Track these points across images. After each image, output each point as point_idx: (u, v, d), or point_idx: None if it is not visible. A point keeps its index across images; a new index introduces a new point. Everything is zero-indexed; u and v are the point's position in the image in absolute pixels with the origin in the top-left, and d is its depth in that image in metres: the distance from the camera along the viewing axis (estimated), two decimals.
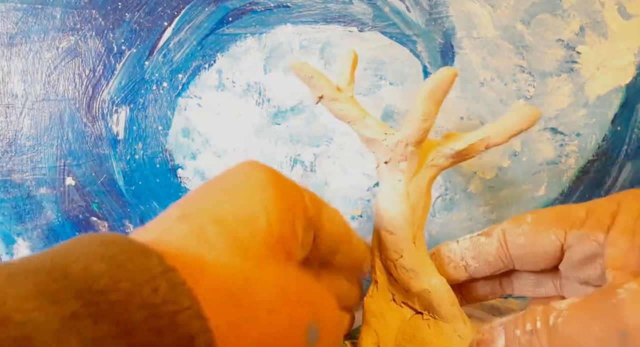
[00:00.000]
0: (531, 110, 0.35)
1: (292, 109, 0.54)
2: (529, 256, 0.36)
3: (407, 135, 0.36)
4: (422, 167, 0.38)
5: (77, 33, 0.49)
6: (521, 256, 0.36)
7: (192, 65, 0.52)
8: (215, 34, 0.51)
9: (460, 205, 0.58)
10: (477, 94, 0.55)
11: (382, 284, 0.40)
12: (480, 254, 0.38)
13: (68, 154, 0.51)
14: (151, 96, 0.51)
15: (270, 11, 0.52)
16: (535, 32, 0.55)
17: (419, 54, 0.54)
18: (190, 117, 0.52)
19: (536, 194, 0.59)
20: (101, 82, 0.50)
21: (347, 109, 0.39)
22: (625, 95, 0.58)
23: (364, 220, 0.56)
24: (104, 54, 0.50)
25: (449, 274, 0.39)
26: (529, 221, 0.35)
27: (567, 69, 0.56)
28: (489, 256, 0.37)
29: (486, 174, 0.57)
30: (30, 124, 0.50)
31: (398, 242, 0.38)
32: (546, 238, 0.34)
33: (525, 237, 0.35)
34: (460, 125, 0.56)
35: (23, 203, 0.51)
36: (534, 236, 0.35)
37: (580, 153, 0.58)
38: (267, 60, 0.53)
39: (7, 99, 0.49)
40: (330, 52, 0.53)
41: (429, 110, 0.35)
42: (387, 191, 0.38)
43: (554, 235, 0.34)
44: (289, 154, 0.54)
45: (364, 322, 0.42)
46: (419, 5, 0.53)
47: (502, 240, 0.36)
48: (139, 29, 0.50)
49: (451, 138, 0.38)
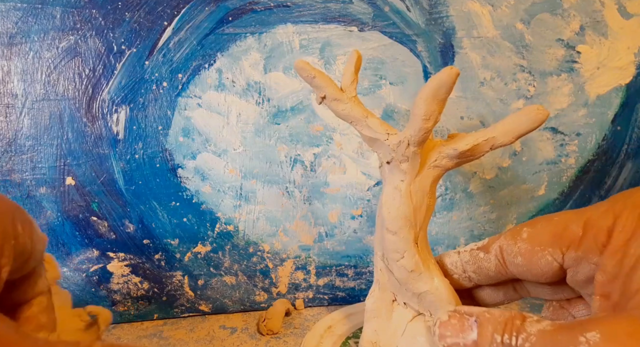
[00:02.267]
0: (539, 110, 0.34)
1: (292, 109, 0.54)
2: (528, 275, 0.34)
3: (409, 135, 0.36)
4: (424, 168, 0.38)
5: (77, 33, 0.49)
6: (521, 274, 0.35)
7: (192, 64, 0.51)
8: (215, 33, 0.51)
9: (460, 205, 0.58)
10: (477, 93, 0.55)
11: (383, 284, 0.40)
12: (480, 269, 0.37)
13: (68, 154, 0.50)
14: (151, 96, 0.51)
15: (270, 11, 0.52)
16: (536, 32, 0.55)
17: (419, 53, 0.54)
18: (190, 117, 0.52)
19: (536, 193, 0.59)
20: (101, 81, 0.50)
21: (350, 108, 0.39)
22: (626, 94, 0.58)
23: (364, 220, 0.56)
24: (104, 53, 0.50)
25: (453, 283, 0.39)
26: (525, 236, 0.34)
27: (567, 68, 0.56)
28: (489, 272, 0.36)
29: (486, 174, 0.57)
30: (30, 123, 0.50)
31: (400, 242, 0.37)
32: (543, 259, 0.33)
33: (522, 258, 0.34)
34: (460, 125, 0.56)
35: (23, 203, 0.50)
36: (530, 256, 0.33)
37: (580, 153, 0.59)
38: (267, 60, 0.52)
39: (7, 98, 0.49)
40: (330, 51, 0.53)
41: (431, 110, 0.34)
42: (389, 191, 0.38)
43: (551, 256, 0.33)
44: (289, 154, 0.54)
45: (366, 322, 0.42)
46: (419, 5, 0.53)
47: (500, 258, 0.35)
48: (139, 28, 0.50)
49: (455, 138, 0.37)
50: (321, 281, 0.58)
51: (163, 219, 0.53)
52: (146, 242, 0.54)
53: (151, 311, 0.56)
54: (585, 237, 0.31)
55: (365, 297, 0.42)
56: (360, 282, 0.58)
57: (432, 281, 0.37)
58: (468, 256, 0.38)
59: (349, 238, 0.57)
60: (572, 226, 0.32)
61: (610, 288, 0.29)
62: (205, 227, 0.54)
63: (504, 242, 0.35)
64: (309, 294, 0.58)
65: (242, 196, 0.54)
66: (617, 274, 0.29)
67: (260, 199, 0.55)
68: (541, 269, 0.33)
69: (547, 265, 0.33)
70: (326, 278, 0.58)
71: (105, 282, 0.54)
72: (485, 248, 0.37)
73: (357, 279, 0.58)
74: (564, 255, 0.32)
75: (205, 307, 0.57)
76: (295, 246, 0.56)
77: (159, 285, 0.55)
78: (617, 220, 0.30)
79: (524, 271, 0.34)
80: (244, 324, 0.54)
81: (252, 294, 0.57)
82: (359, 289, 0.59)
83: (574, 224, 0.32)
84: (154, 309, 0.56)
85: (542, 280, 0.34)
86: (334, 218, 0.56)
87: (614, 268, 0.29)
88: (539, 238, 0.33)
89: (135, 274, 0.54)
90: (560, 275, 0.34)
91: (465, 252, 0.38)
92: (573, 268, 0.32)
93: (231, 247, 0.55)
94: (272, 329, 0.52)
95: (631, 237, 0.29)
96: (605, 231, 0.30)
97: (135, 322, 0.55)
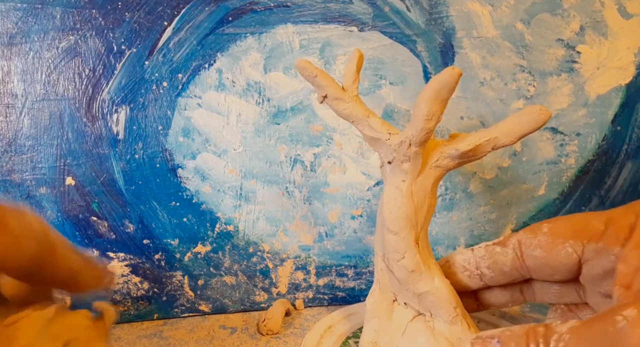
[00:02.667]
0: (542, 110, 0.34)
1: (292, 109, 0.54)
2: (546, 268, 0.35)
3: (410, 135, 0.36)
4: (426, 168, 0.38)
5: (77, 33, 0.49)
6: (537, 268, 0.35)
7: (192, 64, 0.51)
8: (215, 33, 0.51)
9: (460, 205, 0.58)
10: (477, 93, 0.55)
11: (384, 284, 0.40)
12: (495, 264, 0.37)
13: (68, 154, 0.50)
14: (151, 96, 0.51)
15: (270, 11, 0.52)
16: (536, 32, 0.55)
17: (419, 53, 0.54)
18: (190, 117, 0.52)
19: (536, 193, 0.59)
20: (101, 81, 0.50)
21: (351, 108, 0.39)
22: (626, 94, 0.58)
23: (364, 220, 0.56)
24: (104, 53, 0.50)
25: (463, 282, 0.39)
26: (546, 231, 0.34)
27: (567, 68, 0.56)
28: (504, 266, 0.37)
29: (486, 174, 0.57)
30: (30, 123, 0.49)
31: (400, 242, 0.37)
32: (563, 250, 0.33)
33: (541, 249, 0.34)
34: (461, 125, 0.56)
35: (23, 203, 0.50)
36: (550, 248, 0.34)
37: (580, 153, 0.59)
38: (267, 60, 0.52)
39: (7, 98, 0.49)
40: (330, 51, 0.53)
41: (433, 110, 0.34)
42: (390, 190, 0.38)
43: (571, 247, 0.33)
44: (289, 154, 0.54)
45: (366, 322, 0.42)
46: (419, 5, 0.53)
47: (517, 251, 0.36)
48: (139, 28, 0.50)
49: (457, 139, 0.37)
50: (321, 281, 0.58)
51: (163, 219, 0.53)
52: (146, 242, 0.54)
53: (151, 311, 0.56)
54: (607, 231, 0.32)
55: (365, 297, 0.42)
56: (360, 282, 0.58)
57: (433, 281, 0.37)
58: (483, 251, 0.38)
59: (349, 238, 0.57)
60: (593, 221, 0.33)
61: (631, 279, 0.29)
62: (205, 227, 0.54)
63: (523, 236, 0.36)
64: (309, 294, 0.58)
65: (242, 196, 0.54)
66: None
67: (260, 199, 0.55)
68: (560, 262, 0.34)
69: (566, 257, 0.33)
70: (326, 278, 0.58)
71: None
72: (502, 243, 0.37)
73: (357, 279, 0.58)
74: (584, 247, 0.33)
75: (205, 307, 0.57)
76: (295, 246, 0.56)
77: (159, 285, 0.55)
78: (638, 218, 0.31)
79: (542, 264, 0.35)
80: (244, 324, 0.54)
81: (252, 294, 0.57)
82: (359, 289, 0.59)
83: (596, 220, 0.33)
84: (154, 309, 0.56)
85: (557, 275, 0.35)
86: (334, 218, 0.56)
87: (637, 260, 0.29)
88: (560, 231, 0.34)
89: (135, 274, 0.54)
90: (577, 271, 0.34)
91: (480, 248, 0.38)
92: (591, 261, 0.33)
93: (231, 247, 0.55)
94: (272, 329, 0.52)
95: None
96: (627, 226, 0.31)
97: (135, 322, 0.55)
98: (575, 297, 0.36)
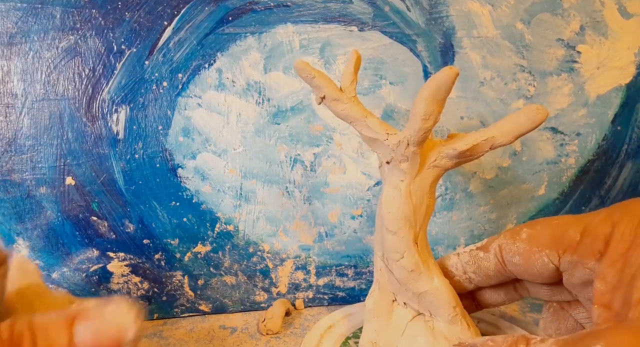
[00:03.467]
0: (539, 110, 0.35)
1: (292, 109, 0.54)
2: (526, 274, 0.35)
3: (408, 135, 0.36)
4: (424, 168, 0.38)
5: (77, 32, 0.49)
6: (519, 273, 0.36)
7: (192, 64, 0.51)
8: (215, 33, 0.51)
9: (460, 205, 0.58)
10: (477, 93, 0.55)
11: (383, 284, 0.40)
12: (480, 269, 0.37)
13: (68, 154, 0.50)
14: (151, 96, 0.51)
15: (270, 10, 0.52)
16: (536, 32, 0.55)
17: (419, 53, 0.54)
18: (190, 117, 0.52)
19: (536, 193, 0.59)
20: (101, 81, 0.50)
21: (349, 109, 0.39)
22: (626, 94, 0.58)
23: (364, 220, 0.56)
24: (104, 53, 0.50)
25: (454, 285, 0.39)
26: (524, 237, 0.35)
27: (567, 68, 0.56)
28: (489, 271, 0.37)
29: (486, 174, 0.57)
30: (29, 123, 0.50)
31: (399, 242, 0.37)
32: (539, 260, 0.34)
33: (519, 257, 0.35)
34: (460, 125, 0.56)
35: (23, 203, 0.50)
36: (528, 256, 0.34)
37: (580, 153, 0.58)
38: (267, 59, 0.52)
39: (6, 98, 0.49)
40: (330, 51, 0.53)
41: (430, 110, 0.34)
42: (389, 190, 0.38)
43: (547, 257, 0.33)
44: (289, 154, 0.54)
45: (366, 322, 0.42)
46: (419, 5, 0.53)
47: (499, 256, 0.36)
48: (139, 28, 0.50)
49: (455, 138, 0.37)
50: (321, 280, 0.58)
51: (163, 219, 0.53)
52: (146, 242, 0.54)
53: (151, 311, 0.56)
54: (582, 242, 0.32)
55: (365, 297, 0.42)
56: (360, 282, 0.58)
57: (432, 280, 0.37)
58: (467, 257, 0.38)
59: (349, 238, 0.57)
60: (570, 230, 0.32)
61: (610, 297, 0.29)
62: (205, 227, 0.54)
63: (503, 241, 0.36)
64: (309, 294, 0.58)
65: (242, 195, 0.54)
66: (618, 283, 0.29)
67: (260, 199, 0.55)
68: (537, 270, 0.34)
69: (543, 266, 0.34)
70: (326, 278, 0.58)
71: (105, 282, 0.54)
72: (484, 248, 0.37)
73: (357, 279, 0.58)
74: (560, 258, 0.33)
75: (205, 307, 0.57)
76: (295, 246, 0.56)
77: (159, 285, 0.55)
78: (615, 228, 0.30)
79: (522, 271, 0.35)
80: (244, 324, 0.54)
81: (252, 294, 0.57)
82: (359, 289, 0.59)
83: (573, 229, 0.32)
84: (153, 308, 0.56)
85: (539, 280, 0.35)
86: (334, 218, 0.56)
87: (614, 277, 0.29)
88: (537, 239, 0.34)
89: (135, 274, 0.54)
90: (557, 277, 0.34)
91: (464, 253, 0.38)
92: (569, 271, 0.33)
93: (231, 247, 0.55)
94: (272, 329, 0.52)
95: (631, 246, 0.29)
96: (602, 238, 0.30)
97: None
98: (567, 295, 0.36)
